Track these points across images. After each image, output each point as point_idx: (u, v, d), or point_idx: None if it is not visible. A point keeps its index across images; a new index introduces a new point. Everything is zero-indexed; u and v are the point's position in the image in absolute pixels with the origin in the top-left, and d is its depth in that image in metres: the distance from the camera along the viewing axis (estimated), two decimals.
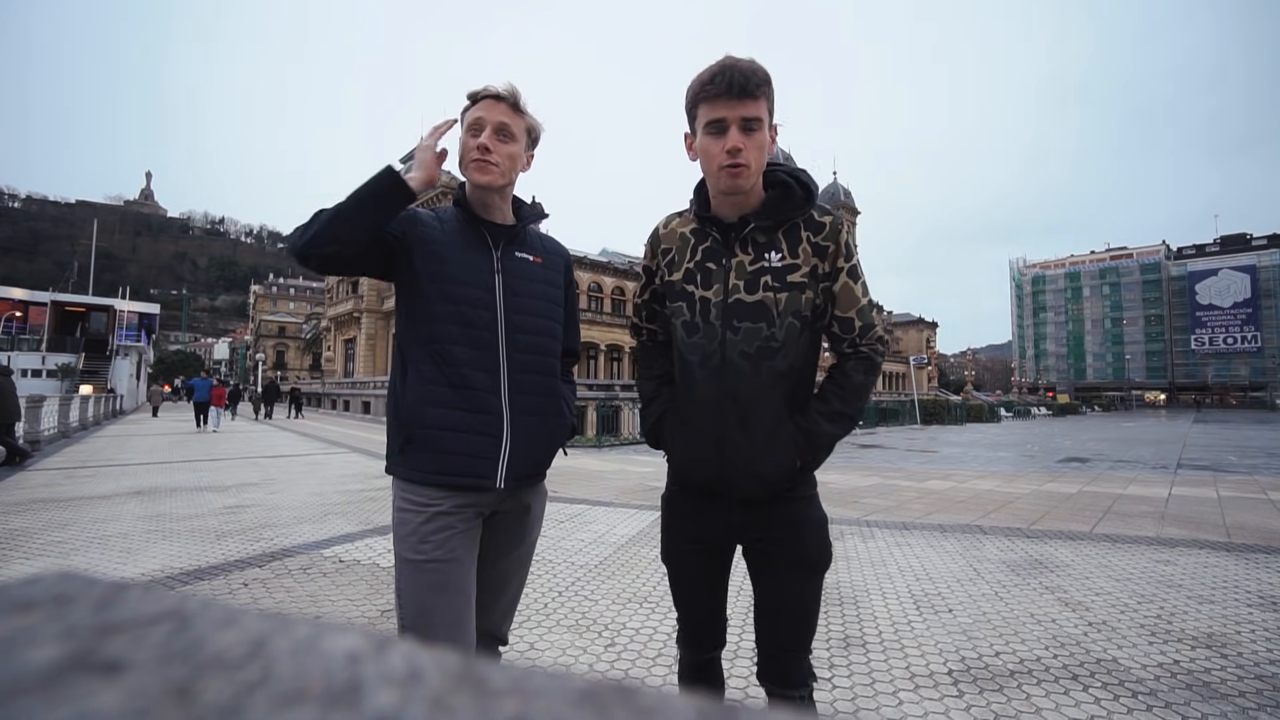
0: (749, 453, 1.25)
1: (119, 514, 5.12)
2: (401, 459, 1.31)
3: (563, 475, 7.70)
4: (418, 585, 1.26)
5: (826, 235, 1.27)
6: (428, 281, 1.32)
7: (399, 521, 1.30)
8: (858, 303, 1.29)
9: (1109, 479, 8.01)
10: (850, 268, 1.28)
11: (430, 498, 1.29)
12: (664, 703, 0.17)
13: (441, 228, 1.38)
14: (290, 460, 9.61)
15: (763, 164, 1.25)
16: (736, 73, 1.17)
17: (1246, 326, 77.27)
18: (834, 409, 1.28)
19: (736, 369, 1.26)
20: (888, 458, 11.56)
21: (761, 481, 1.26)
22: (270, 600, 3.06)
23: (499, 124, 1.38)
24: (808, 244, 1.26)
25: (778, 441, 1.25)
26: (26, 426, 10.13)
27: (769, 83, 1.21)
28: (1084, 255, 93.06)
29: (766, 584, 1.32)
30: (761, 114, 1.20)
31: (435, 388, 1.30)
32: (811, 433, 1.26)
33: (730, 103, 1.18)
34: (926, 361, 60.39)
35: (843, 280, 1.28)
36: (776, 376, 1.26)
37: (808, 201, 1.28)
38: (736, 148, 1.19)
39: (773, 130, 1.26)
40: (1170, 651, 2.45)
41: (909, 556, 3.92)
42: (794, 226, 1.27)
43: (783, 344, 1.25)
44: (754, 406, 1.25)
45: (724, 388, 1.26)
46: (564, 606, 2.98)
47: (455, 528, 1.30)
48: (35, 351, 31.09)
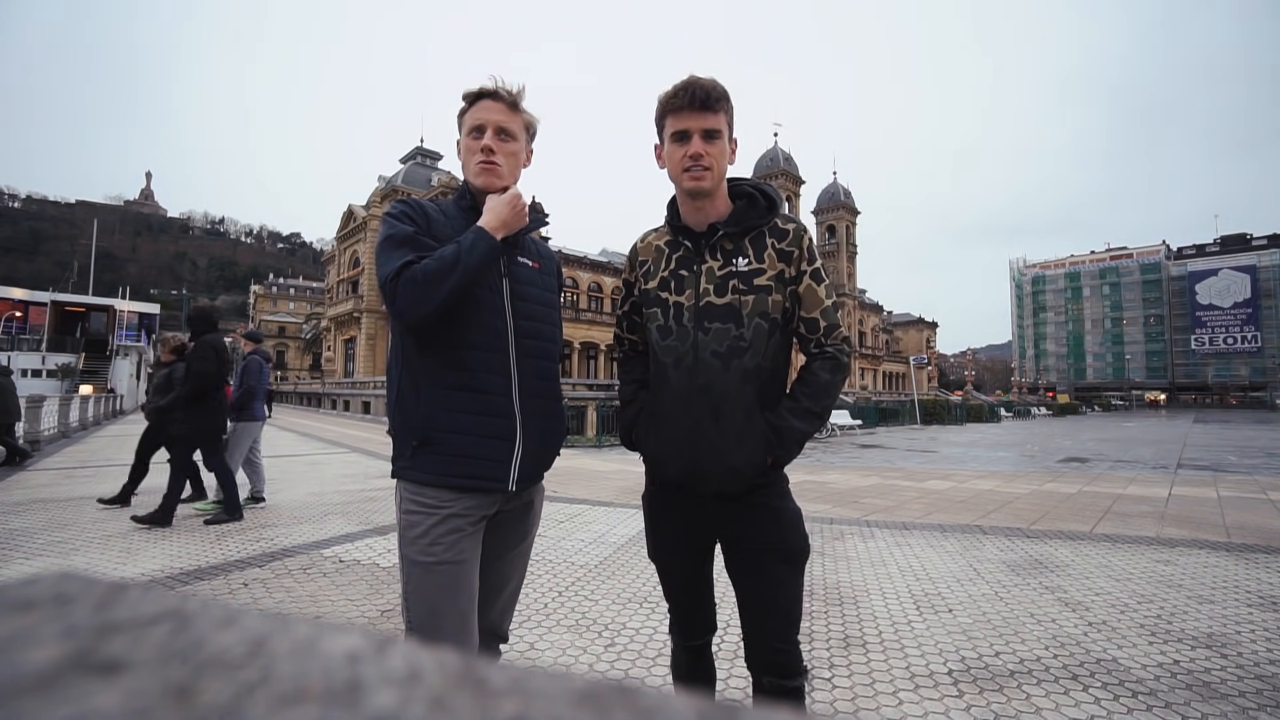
0: (721, 446, 1.32)
1: (119, 514, 5.11)
2: (413, 462, 1.31)
3: (563, 475, 7.70)
4: (428, 587, 1.27)
5: (791, 241, 1.37)
6: None
7: (408, 524, 1.30)
8: (821, 304, 1.38)
9: (1109, 479, 8.01)
10: (813, 270, 1.37)
11: (441, 500, 1.29)
12: (664, 703, 0.17)
13: (450, 226, 1.38)
14: (290, 460, 9.61)
15: (723, 171, 1.36)
16: (699, 88, 1.30)
17: (1246, 326, 77.29)
18: (802, 406, 1.35)
19: (708, 367, 1.34)
20: (888, 458, 11.56)
21: (734, 474, 1.32)
22: (270, 600, 3.06)
23: (499, 125, 1.39)
24: (773, 250, 1.36)
25: (748, 436, 1.32)
26: (26, 426, 10.13)
27: (728, 99, 1.34)
28: (1084, 255, 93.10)
29: (752, 578, 1.36)
30: (721, 126, 1.32)
31: (452, 392, 1.30)
32: (780, 429, 1.32)
33: (693, 114, 1.31)
34: (926, 361, 60.43)
35: (806, 283, 1.37)
36: (745, 374, 1.33)
37: (770, 211, 1.39)
38: (698, 154, 1.31)
39: (733, 143, 1.38)
40: (1170, 651, 2.45)
41: (909, 556, 3.92)
42: (760, 234, 1.37)
43: (750, 343, 1.33)
44: (725, 402, 1.32)
45: (696, 385, 1.34)
46: (564, 606, 2.98)
47: (464, 530, 1.31)
48: (35, 351, 31.11)
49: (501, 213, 1.32)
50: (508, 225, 1.33)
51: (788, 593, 1.34)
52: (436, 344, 1.32)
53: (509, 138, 1.41)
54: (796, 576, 1.36)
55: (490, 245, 1.27)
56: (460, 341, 1.32)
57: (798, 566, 1.36)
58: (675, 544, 1.45)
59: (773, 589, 1.34)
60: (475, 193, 1.43)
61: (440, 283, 1.21)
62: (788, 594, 1.34)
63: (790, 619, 1.35)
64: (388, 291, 1.23)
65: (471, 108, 1.41)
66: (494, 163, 1.39)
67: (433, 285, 1.20)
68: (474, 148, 1.39)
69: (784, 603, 1.34)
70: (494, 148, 1.38)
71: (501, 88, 1.41)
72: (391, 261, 1.24)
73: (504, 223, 1.32)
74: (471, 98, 1.41)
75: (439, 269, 1.21)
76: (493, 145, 1.38)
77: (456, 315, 1.31)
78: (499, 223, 1.31)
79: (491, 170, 1.39)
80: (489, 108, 1.40)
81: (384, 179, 41.59)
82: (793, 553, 1.35)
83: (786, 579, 1.34)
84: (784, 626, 1.34)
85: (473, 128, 1.40)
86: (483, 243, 1.26)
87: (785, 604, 1.34)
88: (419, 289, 1.20)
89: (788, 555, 1.35)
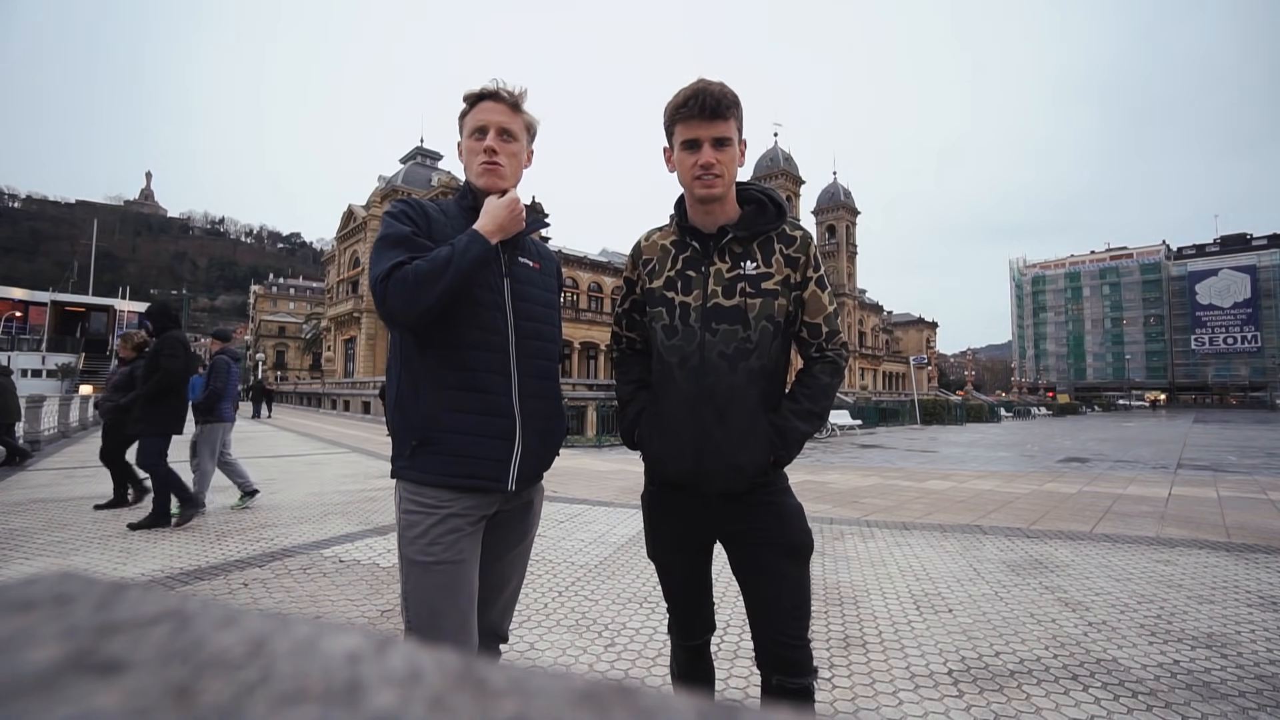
0: (726, 446, 1.33)
1: (119, 514, 5.11)
2: (412, 462, 1.31)
3: (563, 475, 7.70)
4: (426, 587, 1.27)
5: (798, 248, 1.40)
6: None
7: (407, 524, 1.30)
8: (824, 310, 1.42)
9: (1109, 479, 8.01)
10: (818, 277, 1.41)
11: (440, 500, 1.30)
12: (664, 703, 0.17)
13: (450, 226, 1.38)
14: (290, 460, 9.60)
15: (733, 176, 1.38)
16: (709, 96, 1.30)
17: (1246, 326, 77.30)
18: (804, 408, 1.38)
19: (714, 368, 1.35)
20: (888, 458, 11.56)
21: (738, 473, 1.34)
22: (270, 600, 3.06)
23: (501, 126, 1.41)
24: (780, 255, 1.39)
25: (753, 436, 1.34)
26: (26, 426, 10.13)
27: (738, 104, 1.34)
28: (1084, 255, 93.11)
29: (759, 575, 1.37)
30: (730, 133, 1.34)
31: (453, 392, 1.31)
32: (784, 429, 1.35)
33: (703, 123, 1.31)
34: (926, 361, 60.42)
35: (811, 289, 1.41)
36: (752, 375, 1.35)
37: (779, 217, 1.41)
38: (709, 163, 1.32)
39: (742, 144, 1.39)
40: (1170, 651, 2.45)
41: (909, 556, 3.92)
42: (768, 239, 1.40)
43: (757, 345, 1.35)
44: (731, 403, 1.34)
45: (702, 386, 1.35)
46: (564, 606, 2.98)
47: (464, 530, 1.31)
48: (35, 351, 31.13)
49: (499, 216, 1.32)
50: (504, 229, 1.33)
51: (791, 587, 1.35)
52: (436, 344, 1.32)
53: (511, 138, 1.42)
54: (801, 571, 1.36)
55: (484, 249, 1.27)
56: (460, 341, 1.32)
57: (801, 561, 1.36)
58: (675, 544, 1.46)
59: (776, 584, 1.35)
60: (477, 193, 1.43)
61: (431, 284, 1.20)
62: (792, 588, 1.35)
63: (796, 614, 1.34)
64: (378, 292, 1.23)
65: (473, 109, 1.42)
66: (497, 163, 1.40)
67: (424, 287, 1.20)
68: (476, 149, 1.40)
69: (788, 597, 1.34)
70: (497, 149, 1.40)
71: (503, 89, 1.42)
72: (383, 261, 1.24)
73: (500, 226, 1.32)
74: (473, 99, 1.42)
75: (430, 270, 1.21)
76: (495, 146, 1.39)
77: (456, 315, 1.31)
78: (495, 226, 1.31)
79: (494, 171, 1.40)
80: (491, 109, 1.41)
81: (384, 179, 41.59)
82: (795, 547, 1.36)
83: (790, 573, 1.35)
84: (790, 621, 1.34)
85: (475, 129, 1.41)
86: (477, 246, 1.26)
87: (790, 599, 1.34)
88: (409, 290, 1.20)
89: (790, 549, 1.35)
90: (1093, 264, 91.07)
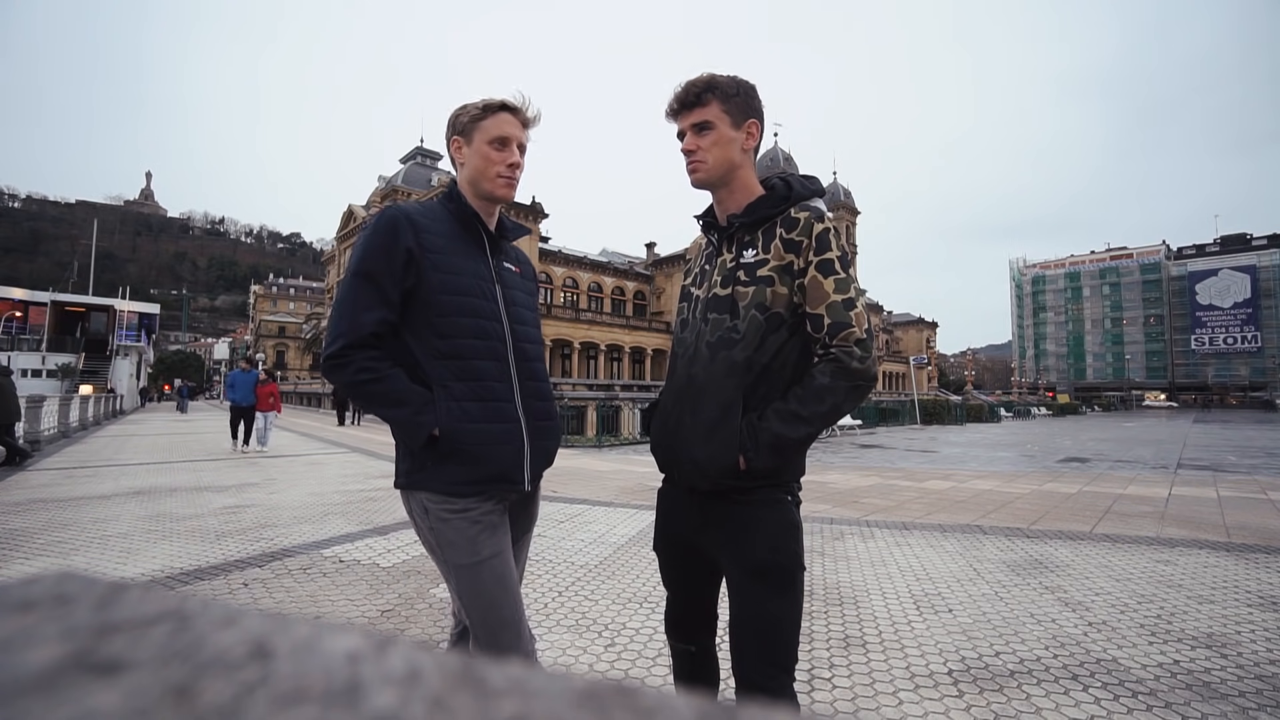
0: (690, 437, 1.29)
1: (119, 514, 5.12)
2: (437, 473, 1.33)
3: (562, 475, 7.70)
4: (481, 584, 1.32)
5: (800, 231, 1.27)
6: (444, 294, 1.34)
7: (442, 533, 1.33)
8: (827, 299, 1.23)
9: (1109, 479, 8.01)
10: (820, 262, 1.24)
11: (469, 505, 1.34)
12: (664, 703, 0.17)
13: (438, 229, 1.39)
14: (290, 460, 9.60)
15: (725, 158, 1.33)
16: (678, 90, 1.34)
17: (1246, 326, 77.32)
18: (788, 409, 1.21)
19: (700, 358, 1.32)
20: (888, 458, 11.56)
21: (696, 467, 1.28)
22: (270, 600, 3.06)
23: (522, 142, 1.46)
24: (780, 240, 1.29)
25: (719, 431, 1.24)
26: (26, 426, 10.13)
27: (713, 88, 1.32)
28: (1084, 255, 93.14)
29: (732, 595, 1.28)
30: (709, 116, 1.31)
31: (466, 404, 1.33)
32: (757, 429, 1.21)
33: (682, 114, 1.35)
34: (926, 361, 60.42)
35: (811, 274, 1.24)
36: (732, 366, 1.26)
37: (786, 200, 1.32)
38: (690, 149, 1.34)
39: (748, 126, 1.34)
40: (1170, 651, 2.45)
41: (909, 556, 3.92)
42: (772, 225, 1.32)
43: (744, 336, 1.27)
44: (705, 393, 1.29)
45: (690, 374, 1.33)
46: (564, 606, 2.98)
47: (496, 524, 1.37)
48: (35, 351, 31.08)
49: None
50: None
51: (759, 613, 1.21)
52: (445, 355, 1.34)
53: (522, 153, 1.48)
54: (774, 597, 1.21)
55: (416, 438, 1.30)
56: (467, 351, 1.35)
57: (773, 585, 1.21)
58: (669, 539, 1.44)
59: (741, 607, 1.23)
60: (481, 196, 1.45)
61: (367, 403, 1.29)
62: (761, 615, 1.21)
63: (765, 645, 1.20)
64: (324, 361, 1.30)
65: (492, 117, 1.43)
66: (517, 177, 1.46)
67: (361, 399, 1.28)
68: (498, 159, 1.42)
69: (757, 625, 1.21)
70: (520, 165, 1.45)
71: (525, 107, 1.46)
72: (343, 320, 1.28)
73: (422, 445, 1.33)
74: (495, 108, 1.43)
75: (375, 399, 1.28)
76: (520, 163, 1.45)
77: (461, 327, 1.36)
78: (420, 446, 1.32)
79: (513, 185, 1.46)
80: (512, 122, 1.44)
81: (384, 179, 41.58)
82: (758, 567, 1.22)
83: (760, 598, 1.21)
84: (757, 652, 1.20)
85: (497, 138, 1.42)
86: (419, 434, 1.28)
87: (759, 627, 1.21)
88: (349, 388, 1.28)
89: (754, 569, 1.22)
90: (1093, 264, 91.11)
